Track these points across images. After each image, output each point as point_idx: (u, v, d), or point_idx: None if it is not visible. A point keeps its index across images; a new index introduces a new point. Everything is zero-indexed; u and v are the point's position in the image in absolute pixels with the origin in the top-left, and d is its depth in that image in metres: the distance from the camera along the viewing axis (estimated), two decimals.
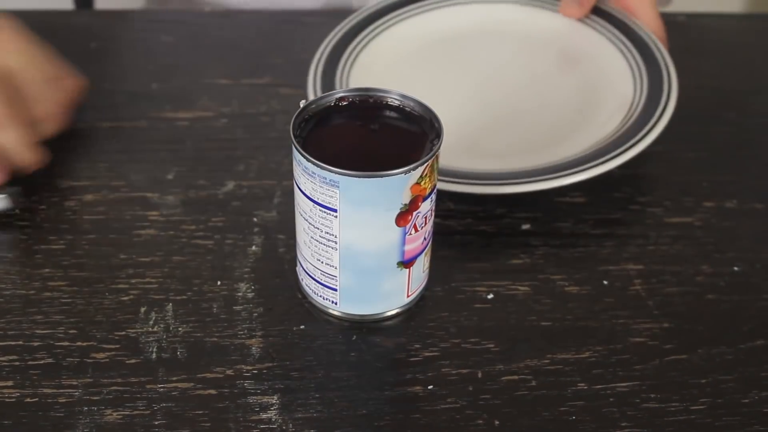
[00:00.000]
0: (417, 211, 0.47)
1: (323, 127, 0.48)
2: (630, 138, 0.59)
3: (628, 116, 0.62)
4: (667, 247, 0.57)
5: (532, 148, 0.62)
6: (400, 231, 0.47)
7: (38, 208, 0.58)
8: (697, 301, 0.53)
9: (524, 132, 0.64)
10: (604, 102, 0.65)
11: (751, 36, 0.79)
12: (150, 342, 0.50)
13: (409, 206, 0.46)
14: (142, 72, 0.71)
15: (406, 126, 0.49)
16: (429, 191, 0.47)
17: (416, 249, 0.49)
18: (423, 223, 0.48)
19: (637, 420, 0.47)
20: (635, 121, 0.61)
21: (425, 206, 0.48)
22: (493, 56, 0.71)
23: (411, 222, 0.47)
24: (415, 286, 0.51)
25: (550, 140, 0.63)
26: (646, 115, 0.61)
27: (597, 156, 0.58)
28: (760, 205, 0.60)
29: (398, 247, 0.48)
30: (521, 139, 0.63)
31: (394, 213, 0.46)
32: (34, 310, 0.52)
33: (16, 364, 0.49)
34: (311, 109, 0.49)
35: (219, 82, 0.70)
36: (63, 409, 0.47)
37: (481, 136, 0.63)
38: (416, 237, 0.48)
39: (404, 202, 0.46)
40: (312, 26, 0.76)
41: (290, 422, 0.46)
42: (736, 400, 0.48)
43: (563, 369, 0.49)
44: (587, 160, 0.58)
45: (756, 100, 0.71)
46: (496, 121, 0.65)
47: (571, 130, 0.63)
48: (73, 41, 0.53)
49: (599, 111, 0.64)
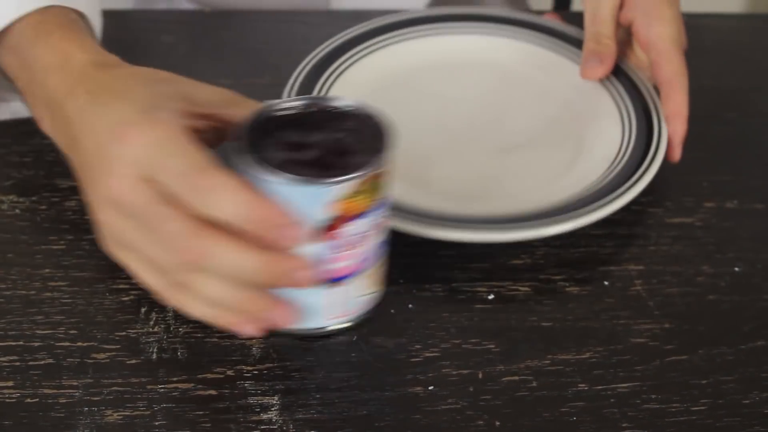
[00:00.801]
0: (346, 229, 0.45)
1: (274, 131, 0.46)
2: (610, 191, 0.56)
3: (612, 168, 0.58)
4: (668, 248, 0.57)
5: (502, 193, 0.59)
6: (323, 247, 0.45)
7: (38, 208, 0.58)
8: (697, 301, 0.53)
9: (496, 174, 0.60)
10: (586, 147, 0.62)
11: (751, 36, 0.79)
12: (150, 342, 0.50)
13: (335, 222, 0.44)
14: None
15: (358, 140, 0.46)
16: (367, 210, 0.45)
17: (349, 269, 0.47)
18: (356, 242, 0.46)
19: (638, 421, 0.47)
20: (617, 176, 0.57)
21: (361, 225, 0.45)
22: (465, 90, 0.67)
23: (338, 240, 0.45)
24: (351, 307, 0.49)
25: (521, 185, 0.59)
26: (628, 169, 0.58)
27: (569, 209, 0.55)
28: (760, 205, 0.60)
29: (321, 263, 0.46)
30: (489, 181, 0.60)
31: (316, 224, 0.44)
32: (34, 310, 0.52)
33: (17, 365, 0.49)
34: (269, 113, 0.47)
35: (219, 82, 0.69)
36: (63, 409, 0.47)
37: (441, 174, 0.60)
38: (348, 257, 0.46)
39: (325, 216, 0.44)
40: (312, 26, 0.76)
41: (291, 423, 0.46)
42: (736, 401, 0.48)
43: (564, 369, 0.49)
44: (556, 212, 0.55)
45: (756, 100, 0.70)
46: (463, 159, 0.61)
47: (549, 177, 0.60)
48: None
49: (579, 157, 0.61)
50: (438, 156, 0.61)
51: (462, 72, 0.69)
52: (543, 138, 0.63)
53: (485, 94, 0.67)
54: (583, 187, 0.57)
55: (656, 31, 0.62)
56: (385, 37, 0.69)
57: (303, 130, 0.46)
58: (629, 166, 0.58)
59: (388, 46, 0.69)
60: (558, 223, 0.54)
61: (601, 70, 0.64)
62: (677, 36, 0.62)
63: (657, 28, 0.62)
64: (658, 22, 0.62)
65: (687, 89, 0.60)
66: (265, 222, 0.42)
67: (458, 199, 0.57)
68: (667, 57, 0.61)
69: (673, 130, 0.60)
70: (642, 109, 0.62)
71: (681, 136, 0.60)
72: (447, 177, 0.60)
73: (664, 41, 0.61)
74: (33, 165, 0.61)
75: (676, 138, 0.60)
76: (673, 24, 0.62)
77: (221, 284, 0.43)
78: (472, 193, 0.59)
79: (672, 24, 0.62)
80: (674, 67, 0.61)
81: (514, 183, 0.60)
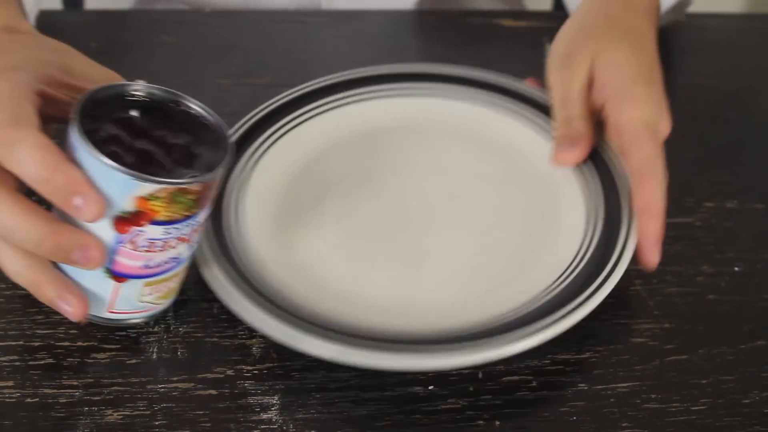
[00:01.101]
0: (141, 228, 0.44)
1: (120, 112, 0.46)
2: (567, 302, 0.48)
3: (570, 269, 0.51)
4: (668, 248, 0.56)
5: (435, 304, 0.51)
6: (113, 236, 0.44)
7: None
8: (697, 301, 0.53)
9: (431, 275, 0.53)
10: (544, 242, 0.54)
11: (751, 36, 0.79)
12: (150, 342, 0.50)
13: (131, 217, 0.43)
14: (142, 72, 0.70)
15: (191, 150, 0.46)
16: (166, 220, 0.44)
17: (131, 269, 0.46)
18: (147, 246, 0.45)
19: (638, 420, 0.47)
20: (575, 280, 0.50)
21: (156, 231, 0.44)
22: (411, 164, 0.60)
23: (129, 235, 0.44)
24: (124, 307, 0.48)
25: (450, 296, 0.52)
26: (589, 274, 0.50)
27: (515, 326, 0.47)
28: (760, 205, 0.60)
29: (106, 251, 0.45)
30: (420, 287, 0.52)
31: (113, 212, 0.43)
32: (34, 310, 0.52)
33: (17, 364, 0.49)
34: (124, 92, 0.46)
35: (219, 82, 0.70)
36: (63, 409, 0.47)
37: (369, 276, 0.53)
38: (134, 256, 0.45)
39: (124, 208, 0.43)
40: (312, 26, 0.76)
41: (291, 422, 0.46)
42: (736, 401, 0.48)
43: (564, 369, 0.49)
44: (481, 335, 0.47)
45: (756, 100, 0.71)
46: (399, 255, 0.54)
47: (500, 279, 0.52)
48: (73, 41, 0.53)
49: (537, 254, 0.53)
50: (368, 250, 0.54)
51: (411, 141, 0.61)
52: (491, 233, 0.55)
53: (433, 172, 0.59)
54: (522, 302, 0.49)
55: (627, 115, 0.54)
56: (325, 101, 0.62)
57: (150, 121, 0.46)
58: (584, 274, 0.50)
59: (326, 111, 0.62)
60: (479, 350, 0.46)
61: (574, 155, 0.55)
62: (652, 119, 0.54)
63: (628, 111, 0.54)
64: (630, 104, 0.54)
65: (662, 180, 0.52)
66: (65, 188, 0.42)
67: (385, 313, 0.50)
68: (636, 143, 0.53)
69: (644, 228, 0.51)
70: (614, 198, 0.54)
71: (654, 237, 0.51)
72: (375, 280, 0.52)
73: (634, 125, 0.53)
74: None
75: (648, 239, 0.51)
76: (648, 105, 0.54)
77: (14, 253, 0.44)
78: (402, 303, 0.51)
79: (646, 105, 0.54)
80: (644, 155, 0.52)
81: (443, 294, 0.52)
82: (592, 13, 0.61)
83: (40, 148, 0.42)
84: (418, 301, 0.51)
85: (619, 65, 0.56)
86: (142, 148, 0.44)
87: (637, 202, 0.52)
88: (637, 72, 0.56)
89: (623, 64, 0.56)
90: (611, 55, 0.57)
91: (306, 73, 0.65)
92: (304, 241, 0.54)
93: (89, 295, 0.47)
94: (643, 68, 0.56)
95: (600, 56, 0.56)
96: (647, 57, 0.58)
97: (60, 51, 0.50)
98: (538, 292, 0.50)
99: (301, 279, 0.52)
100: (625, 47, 0.57)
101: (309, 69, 0.70)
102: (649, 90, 0.55)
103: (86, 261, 0.44)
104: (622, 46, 0.57)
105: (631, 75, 0.55)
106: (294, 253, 0.53)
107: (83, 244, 0.43)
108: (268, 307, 0.48)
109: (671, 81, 0.71)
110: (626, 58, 0.56)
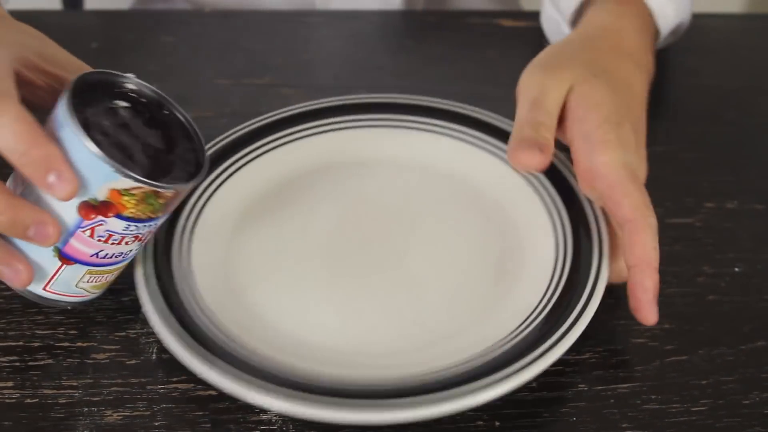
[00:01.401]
0: (104, 218, 0.44)
1: (111, 100, 0.46)
2: (533, 347, 0.46)
3: (538, 311, 0.49)
4: (668, 248, 0.56)
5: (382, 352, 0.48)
6: (75, 220, 0.44)
7: None
8: (697, 302, 0.53)
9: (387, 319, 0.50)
10: (506, 288, 0.51)
11: (751, 36, 0.79)
12: (150, 343, 0.50)
13: (99, 206, 0.44)
14: (142, 72, 0.70)
15: (172, 153, 0.46)
16: (130, 216, 0.44)
17: (81, 255, 0.46)
18: (104, 237, 0.45)
19: (638, 421, 0.47)
20: (542, 323, 0.47)
21: (118, 225, 0.44)
22: (364, 199, 0.57)
23: (91, 222, 0.44)
24: (59, 288, 0.47)
25: (411, 340, 0.49)
26: (555, 318, 0.47)
27: (473, 377, 0.44)
28: (760, 206, 0.60)
29: (64, 231, 0.45)
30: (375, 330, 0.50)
31: (83, 197, 0.43)
32: (34, 310, 0.52)
33: (17, 365, 0.49)
34: (122, 83, 0.47)
35: (219, 82, 0.70)
36: (63, 409, 0.47)
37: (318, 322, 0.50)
38: (88, 243, 0.45)
39: (95, 196, 0.43)
40: (312, 26, 0.76)
41: (290, 423, 0.46)
42: (736, 401, 0.48)
43: (564, 370, 0.49)
44: (454, 382, 0.44)
45: (756, 100, 0.70)
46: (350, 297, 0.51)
47: (459, 325, 0.50)
48: (73, 41, 0.53)
49: (501, 295, 0.51)
50: (316, 286, 0.52)
51: (364, 175, 0.59)
52: (451, 275, 0.52)
53: (389, 208, 0.57)
54: (482, 348, 0.47)
55: (601, 160, 0.49)
56: (283, 134, 0.60)
57: (134, 117, 0.46)
58: (548, 322, 0.47)
59: (278, 147, 0.59)
60: (435, 404, 0.43)
61: (537, 159, 0.50)
62: (629, 161, 0.49)
63: (601, 155, 0.49)
64: (602, 148, 0.49)
65: (655, 229, 0.48)
66: (41, 163, 0.42)
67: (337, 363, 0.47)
68: (621, 189, 0.48)
69: (643, 283, 0.47)
70: (583, 233, 0.51)
71: (653, 292, 0.47)
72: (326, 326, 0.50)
73: (613, 170, 0.48)
74: None
75: (647, 294, 0.47)
76: (622, 148, 0.49)
77: None
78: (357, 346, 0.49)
79: (620, 148, 0.49)
80: (634, 202, 0.48)
81: (396, 342, 0.49)
82: (577, 43, 0.58)
83: (21, 121, 0.42)
84: (372, 350, 0.48)
85: (596, 104, 0.51)
86: (123, 142, 0.45)
87: (634, 256, 0.47)
88: (614, 111, 0.51)
89: (600, 103, 0.51)
90: (590, 89, 0.52)
91: (306, 73, 0.65)
92: (252, 285, 0.52)
93: (35, 271, 0.47)
94: (621, 108, 0.52)
95: (578, 87, 0.52)
96: (627, 98, 0.53)
97: (36, 37, 0.51)
98: (496, 341, 0.47)
99: (248, 324, 0.49)
100: (603, 85, 0.53)
101: (309, 69, 0.70)
102: (624, 132, 0.50)
103: (42, 238, 0.44)
104: (601, 83, 0.53)
105: (605, 115, 0.51)
106: (242, 297, 0.51)
107: (41, 221, 0.44)
108: (210, 358, 0.45)
109: (672, 81, 0.71)
110: (603, 98, 0.52)
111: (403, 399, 0.43)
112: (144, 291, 0.48)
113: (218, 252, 0.53)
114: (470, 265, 0.53)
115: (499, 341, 0.47)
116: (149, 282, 0.49)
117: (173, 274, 0.50)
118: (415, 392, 0.44)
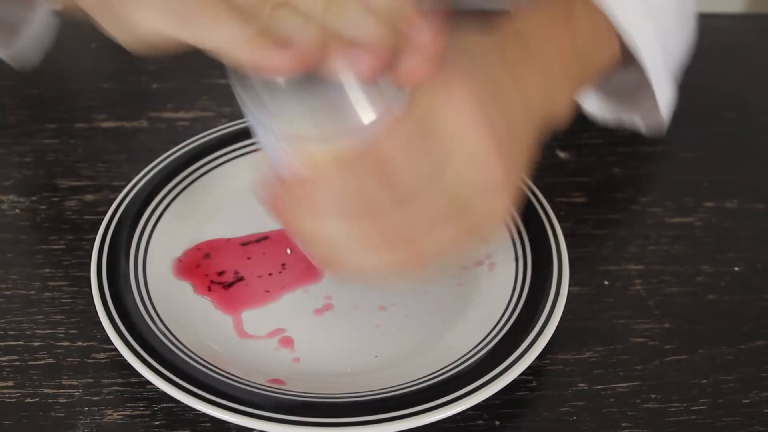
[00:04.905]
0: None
1: None
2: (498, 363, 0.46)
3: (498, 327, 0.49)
4: (668, 247, 0.57)
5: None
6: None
7: (38, 208, 0.58)
8: (697, 301, 0.53)
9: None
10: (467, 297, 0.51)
11: (751, 36, 0.79)
12: None
13: None
14: (142, 72, 0.71)
15: None
16: None
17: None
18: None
19: (638, 420, 0.47)
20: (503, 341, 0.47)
21: None
22: None
23: None
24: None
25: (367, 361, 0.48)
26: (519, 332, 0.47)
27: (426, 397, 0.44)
28: (760, 205, 0.60)
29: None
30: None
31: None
32: (34, 310, 0.52)
33: (17, 364, 0.49)
34: None
35: (219, 82, 0.70)
36: (63, 409, 0.47)
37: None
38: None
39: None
40: None
41: None
42: (736, 401, 0.48)
43: (564, 369, 0.49)
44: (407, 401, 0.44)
45: (756, 100, 0.71)
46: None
47: (419, 341, 0.49)
48: (73, 41, 0.53)
49: (457, 309, 0.51)
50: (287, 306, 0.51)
51: None
52: (409, 296, 0.52)
53: None
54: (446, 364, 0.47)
55: None
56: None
57: None
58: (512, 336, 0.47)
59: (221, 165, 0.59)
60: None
61: (424, 68, 0.40)
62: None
63: None
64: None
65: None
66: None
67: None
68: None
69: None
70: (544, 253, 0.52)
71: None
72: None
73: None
74: (33, 165, 0.61)
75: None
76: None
77: None
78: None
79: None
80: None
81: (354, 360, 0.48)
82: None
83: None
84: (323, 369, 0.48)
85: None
86: None
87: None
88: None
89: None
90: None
91: None
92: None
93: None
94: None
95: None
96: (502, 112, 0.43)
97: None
98: (454, 359, 0.47)
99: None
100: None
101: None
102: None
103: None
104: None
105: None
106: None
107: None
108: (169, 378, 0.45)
109: None
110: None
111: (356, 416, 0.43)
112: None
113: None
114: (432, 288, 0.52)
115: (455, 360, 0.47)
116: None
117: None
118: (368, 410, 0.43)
